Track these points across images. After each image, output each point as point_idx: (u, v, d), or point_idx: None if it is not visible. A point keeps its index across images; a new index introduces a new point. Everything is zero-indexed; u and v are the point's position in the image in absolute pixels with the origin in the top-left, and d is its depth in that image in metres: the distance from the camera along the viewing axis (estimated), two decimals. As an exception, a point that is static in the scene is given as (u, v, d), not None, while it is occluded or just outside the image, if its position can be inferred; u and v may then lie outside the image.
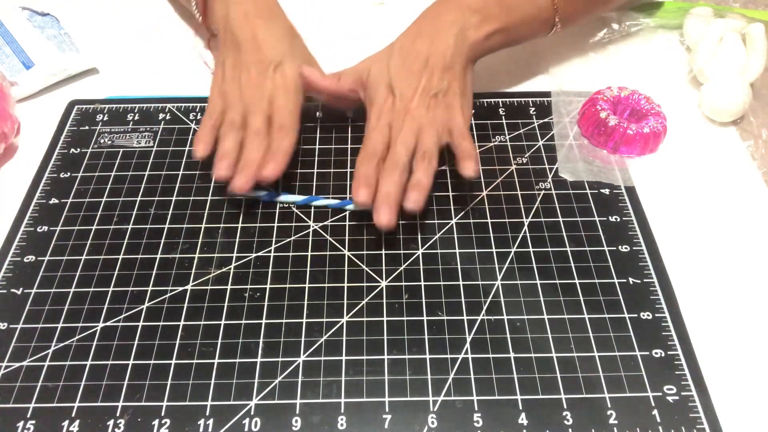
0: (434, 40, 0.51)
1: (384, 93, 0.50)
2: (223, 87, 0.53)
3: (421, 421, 0.39)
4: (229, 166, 0.48)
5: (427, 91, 0.49)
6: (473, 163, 0.47)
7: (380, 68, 0.51)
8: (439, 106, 0.49)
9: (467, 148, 0.48)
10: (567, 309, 0.44)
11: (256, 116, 0.50)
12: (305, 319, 0.44)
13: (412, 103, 0.49)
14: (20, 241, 0.49)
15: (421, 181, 0.47)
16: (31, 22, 0.63)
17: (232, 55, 0.54)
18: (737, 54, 0.57)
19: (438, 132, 0.49)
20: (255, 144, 0.49)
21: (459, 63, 0.51)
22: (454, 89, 0.50)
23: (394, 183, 0.46)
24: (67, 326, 0.44)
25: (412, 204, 0.46)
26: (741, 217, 0.50)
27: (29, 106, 0.60)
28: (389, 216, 0.45)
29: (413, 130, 0.48)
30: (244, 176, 0.48)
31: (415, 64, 0.50)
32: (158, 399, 0.40)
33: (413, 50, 0.51)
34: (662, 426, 0.39)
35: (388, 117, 0.49)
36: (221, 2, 0.56)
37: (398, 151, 0.47)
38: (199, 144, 0.50)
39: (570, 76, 0.61)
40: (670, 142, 0.55)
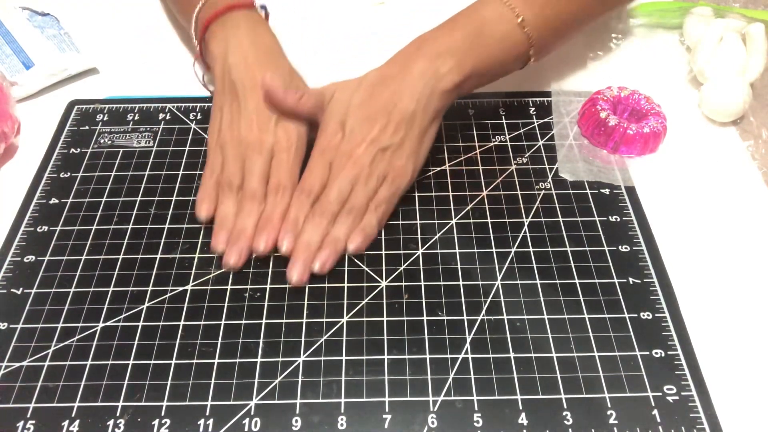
0: (401, 87, 0.48)
1: (335, 128, 0.48)
2: (221, 139, 0.50)
3: (421, 421, 0.39)
4: (227, 237, 0.47)
5: (377, 143, 0.47)
6: (355, 244, 0.46)
7: (341, 99, 0.49)
8: (384, 162, 0.47)
9: (369, 222, 0.47)
10: (567, 309, 0.44)
11: (252, 176, 0.48)
12: (305, 319, 0.44)
13: (359, 150, 0.47)
14: (20, 241, 0.49)
15: (338, 240, 0.46)
16: (31, 22, 0.63)
17: (229, 102, 0.51)
18: (737, 54, 0.57)
19: (373, 189, 0.47)
20: (250, 210, 0.47)
21: (421, 118, 0.48)
22: (405, 148, 0.48)
23: (317, 232, 0.46)
24: (67, 326, 0.44)
25: (318, 266, 0.45)
26: (741, 217, 0.50)
27: (29, 106, 0.60)
28: (302, 273, 0.45)
29: (352, 179, 0.47)
30: (236, 252, 0.46)
31: (375, 109, 0.48)
32: (158, 399, 0.40)
33: (378, 92, 0.48)
34: (662, 426, 0.39)
35: (331, 155, 0.48)
36: (220, 40, 0.53)
37: (331, 198, 0.46)
38: (203, 204, 0.49)
39: (570, 76, 0.61)
40: (670, 142, 0.55)
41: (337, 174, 0.47)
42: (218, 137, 0.51)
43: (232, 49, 0.52)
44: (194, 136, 0.56)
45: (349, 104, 0.49)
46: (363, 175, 0.47)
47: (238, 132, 0.50)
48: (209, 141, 0.52)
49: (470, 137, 0.56)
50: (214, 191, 0.49)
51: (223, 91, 0.52)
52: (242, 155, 0.49)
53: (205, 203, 0.49)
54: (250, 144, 0.49)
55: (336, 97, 0.49)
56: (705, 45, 0.58)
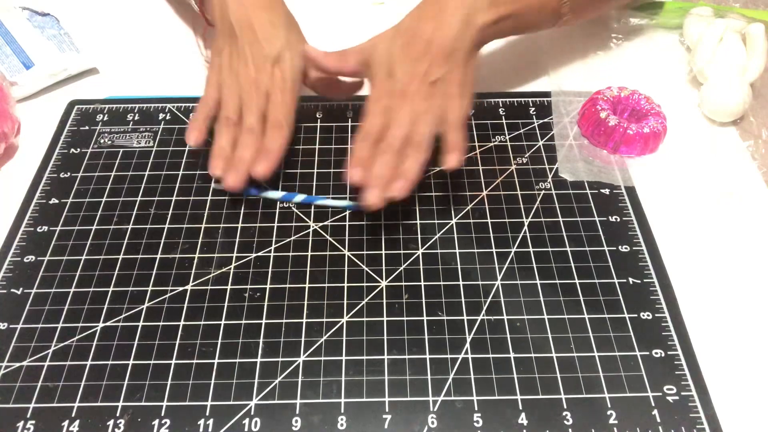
0: (440, 22, 0.49)
1: (384, 75, 0.50)
2: (219, 77, 0.53)
3: (421, 421, 0.39)
4: (224, 165, 0.49)
5: (426, 77, 0.48)
6: (456, 156, 0.47)
7: (383, 49, 0.50)
8: (437, 95, 0.48)
9: (455, 139, 0.48)
10: (567, 309, 0.44)
11: (250, 113, 0.51)
12: (305, 319, 0.44)
13: (411, 88, 0.48)
14: (20, 241, 0.49)
15: (408, 171, 0.47)
16: (31, 22, 0.63)
17: (229, 45, 0.53)
18: (737, 54, 0.57)
19: (433, 121, 0.48)
20: (247, 142, 0.50)
21: (462, 50, 0.49)
22: (455, 78, 0.49)
23: (386, 166, 0.46)
24: (67, 326, 0.44)
25: (396, 192, 0.46)
26: (741, 217, 0.50)
27: (29, 106, 0.60)
28: (377, 198, 0.45)
29: (409, 117, 0.48)
30: (234, 175, 0.49)
31: (418, 48, 0.49)
32: (158, 399, 0.40)
33: (417, 32, 0.49)
34: (662, 426, 0.39)
35: (387, 100, 0.49)
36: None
37: (393, 135, 0.47)
38: (192, 132, 0.51)
39: (570, 76, 0.61)
40: (670, 142, 0.55)
41: (395, 114, 0.48)
42: (216, 76, 0.53)
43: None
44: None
45: (392, 51, 0.50)
46: (421, 111, 0.48)
47: (236, 72, 0.52)
48: (208, 78, 0.54)
49: (470, 137, 0.56)
50: (204, 123, 0.52)
51: (222, 33, 0.54)
52: (240, 94, 0.51)
53: (194, 132, 0.52)
54: (247, 83, 0.51)
55: (377, 48, 0.51)
56: (705, 45, 0.58)
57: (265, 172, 0.48)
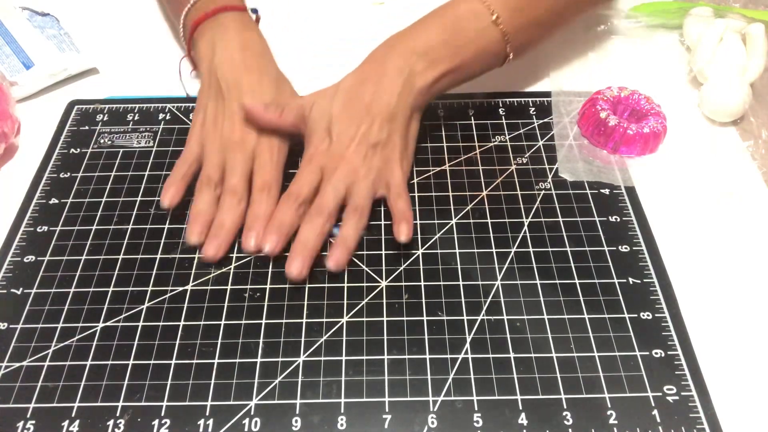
0: (378, 87, 0.48)
1: (321, 135, 0.48)
2: (202, 134, 0.51)
3: (421, 421, 0.39)
4: (202, 230, 0.47)
5: (366, 139, 0.47)
6: (407, 228, 0.45)
7: (322, 108, 0.49)
8: (377, 157, 0.47)
9: (402, 208, 0.46)
10: (567, 309, 0.44)
11: (233, 173, 0.48)
12: (305, 319, 0.44)
13: (349, 150, 0.47)
14: (20, 241, 0.49)
15: (347, 239, 0.45)
16: (31, 22, 0.63)
17: (214, 101, 0.52)
18: (737, 54, 0.57)
19: (373, 185, 0.47)
20: (230, 204, 0.48)
21: (402, 114, 0.49)
22: (395, 141, 0.48)
23: (314, 231, 0.45)
24: (67, 326, 0.44)
25: (333, 264, 0.45)
26: (741, 217, 0.50)
27: (29, 106, 0.60)
28: (301, 268, 0.44)
29: (346, 177, 0.46)
30: (215, 246, 0.46)
31: (357, 109, 0.48)
32: (158, 399, 0.40)
33: (358, 94, 0.48)
34: (662, 426, 0.39)
35: (321, 160, 0.47)
36: (208, 40, 0.54)
37: (326, 196, 0.46)
38: (168, 192, 0.48)
39: (570, 76, 0.61)
40: (670, 142, 0.55)
41: (330, 175, 0.47)
42: (200, 133, 0.51)
43: (219, 50, 0.53)
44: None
45: (331, 110, 0.49)
46: (360, 173, 0.47)
47: (221, 130, 0.50)
48: (189, 135, 0.52)
49: (470, 137, 0.56)
50: (182, 181, 0.49)
51: (209, 90, 0.53)
52: (223, 153, 0.50)
53: (170, 190, 0.48)
54: (232, 142, 0.50)
55: (316, 105, 0.49)
56: (705, 45, 0.58)
57: (256, 246, 0.46)
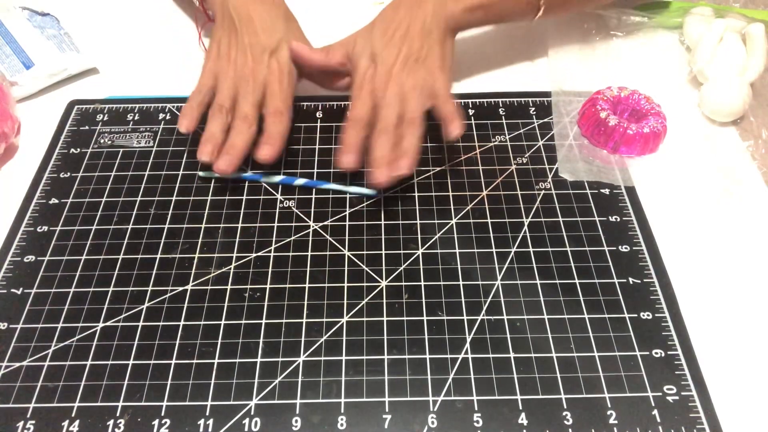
0: (414, 9, 0.52)
1: (366, 62, 0.51)
2: (216, 66, 0.53)
3: (421, 421, 0.39)
4: (213, 150, 0.50)
5: (407, 56, 0.50)
6: (457, 125, 0.49)
7: (364, 39, 0.53)
8: (421, 71, 0.50)
9: (451, 110, 0.49)
10: (567, 309, 0.44)
11: (246, 101, 0.51)
12: (305, 319, 0.44)
13: (394, 69, 0.50)
14: (20, 241, 0.49)
15: (409, 148, 0.48)
16: (31, 22, 0.63)
17: (227, 35, 0.54)
18: (737, 54, 0.57)
19: (422, 95, 0.50)
20: (241, 128, 0.51)
21: (437, 30, 0.52)
22: (434, 53, 0.51)
23: (386, 146, 0.48)
24: (67, 326, 0.44)
25: (403, 169, 0.47)
26: (741, 217, 0.50)
27: (29, 106, 0.60)
28: (385, 177, 0.47)
29: (397, 95, 0.49)
30: (227, 160, 0.49)
31: (396, 32, 0.51)
32: (158, 399, 0.40)
33: (394, 19, 0.52)
34: (662, 426, 0.39)
35: (371, 85, 0.50)
36: None
37: (386, 115, 0.48)
38: (184, 119, 0.52)
39: (570, 76, 0.61)
40: (670, 142, 0.55)
41: (383, 96, 0.49)
42: (213, 65, 0.54)
43: None
44: (194, 136, 0.56)
45: (372, 40, 0.52)
46: (408, 88, 0.50)
47: (234, 62, 0.53)
48: (204, 66, 0.54)
49: (470, 137, 0.56)
50: (197, 110, 0.52)
51: (222, 24, 0.55)
52: (235, 83, 0.52)
53: (186, 118, 0.52)
54: (244, 73, 0.52)
55: (359, 40, 0.53)
56: (705, 45, 0.58)
57: (270, 154, 0.49)
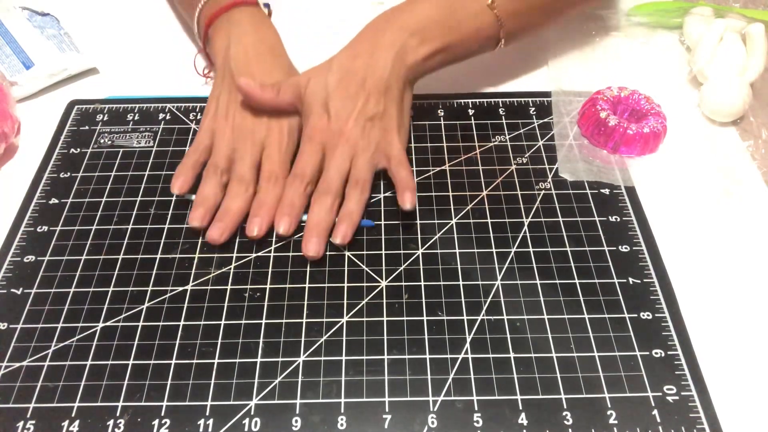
0: (372, 60, 0.49)
1: (319, 112, 0.49)
2: (213, 124, 0.52)
3: (421, 421, 0.39)
4: (204, 215, 0.48)
5: (363, 113, 0.48)
6: (411, 195, 0.46)
7: (317, 85, 0.50)
8: (375, 131, 0.48)
9: (405, 177, 0.47)
10: (567, 309, 0.44)
11: (242, 162, 0.49)
12: (305, 319, 0.44)
13: (347, 126, 0.48)
14: (20, 241, 0.49)
15: (352, 213, 0.47)
16: (31, 22, 0.63)
17: (227, 92, 0.53)
18: (737, 54, 0.57)
19: (373, 158, 0.48)
20: (237, 191, 0.49)
21: (396, 86, 0.50)
22: (391, 113, 0.49)
23: (325, 210, 0.46)
24: (67, 326, 0.44)
25: (340, 239, 0.46)
26: (741, 217, 0.50)
27: (29, 106, 0.60)
28: (318, 247, 0.46)
29: (347, 154, 0.47)
30: (220, 228, 0.47)
31: (352, 85, 0.49)
32: (158, 399, 0.40)
33: (351, 69, 0.49)
34: (662, 426, 0.39)
35: (322, 137, 0.48)
36: (222, 35, 0.55)
37: (331, 177, 0.47)
38: (177, 179, 0.50)
39: (570, 76, 0.61)
40: (670, 142, 0.55)
41: (332, 152, 0.48)
42: (211, 123, 0.52)
43: (234, 43, 0.54)
44: (194, 136, 0.56)
45: (327, 86, 0.49)
46: (360, 148, 0.48)
47: (232, 120, 0.51)
48: (201, 124, 0.53)
49: (470, 137, 0.56)
50: (192, 170, 0.50)
51: (222, 81, 0.54)
52: (233, 143, 0.51)
53: (180, 178, 0.50)
54: (243, 132, 0.51)
55: (312, 82, 0.50)
56: (705, 45, 0.58)
57: (260, 231, 0.47)
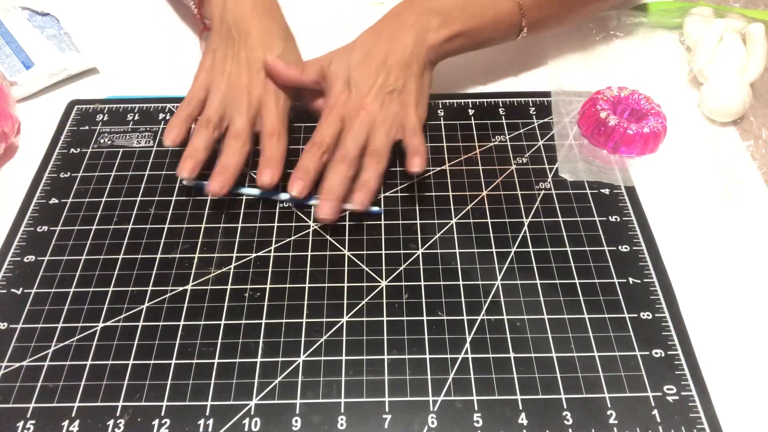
0: (394, 39, 0.51)
1: (340, 86, 0.50)
2: (209, 77, 0.52)
3: (421, 421, 0.39)
4: (194, 167, 0.48)
5: (383, 87, 0.49)
6: (420, 159, 0.47)
7: (340, 62, 0.51)
8: (394, 103, 0.49)
9: (417, 144, 0.48)
10: (567, 309, 0.44)
11: (239, 117, 0.50)
12: (305, 319, 0.44)
13: (367, 99, 0.49)
14: (20, 241, 0.49)
15: (368, 181, 0.47)
16: (31, 22, 0.63)
17: (224, 46, 0.53)
18: (737, 54, 0.57)
19: (390, 130, 0.49)
20: (235, 147, 0.49)
21: (416, 63, 0.51)
22: (410, 88, 0.50)
23: (340, 176, 0.47)
24: (67, 326, 0.44)
25: (357, 204, 0.46)
26: (741, 217, 0.50)
27: (29, 106, 0.60)
28: (330, 211, 0.46)
29: (365, 126, 0.48)
30: (220, 182, 0.48)
31: (374, 61, 0.50)
32: (158, 399, 0.40)
33: (374, 48, 0.51)
34: (662, 426, 0.39)
35: (341, 110, 0.49)
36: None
37: (347, 145, 0.48)
38: (170, 131, 0.50)
39: (570, 76, 0.61)
40: (670, 142, 0.55)
41: (351, 124, 0.48)
42: (206, 76, 0.52)
43: (230, 1, 0.54)
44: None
45: (349, 64, 0.51)
46: (378, 120, 0.49)
47: (228, 75, 0.51)
48: (195, 77, 0.53)
49: (470, 137, 0.56)
50: (185, 123, 0.50)
51: (219, 35, 0.54)
52: (227, 98, 0.51)
53: (173, 131, 0.50)
54: (239, 88, 0.51)
55: (335, 61, 0.52)
56: (705, 45, 0.58)
57: (272, 178, 0.48)
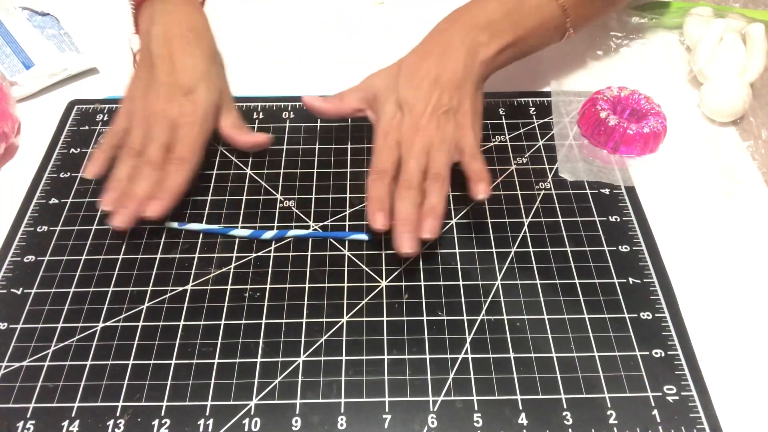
0: (444, 58, 0.49)
1: (392, 110, 0.49)
2: (131, 106, 0.51)
3: (421, 421, 0.39)
4: (117, 198, 0.47)
5: (437, 108, 0.48)
6: (485, 185, 0.45)
7: (387, 85, 0.50)
8: (450, 124, 0.48)
9: (479, 169, 0.46)
10: (567, 309, 0.44)
11: (153, 145, 0.48)
12: (305, 319, 0.44)
13: (422, 120, 0.47)
14: (20, 241, 0.49)
15: (436, 206, 0.44)
16: (31, 22, 0.63)
17: (145, 74, 0.52)
18: (737, 54, 0.57)
19: (449, 151, 0.47)
20: (144, 174, 0.47)
21: (470, 82, 0.49)
22: (465, 108, 0.48)
23: (411, 203, 0.44)
24: (67, 326, 0.44)
25: (428, 233, 0.43)
26: (741, 217, 0.50)
27: (29, 106, 0.60)
28: (413, 243, 0.43)
29: (424, 149, 0.47)
30: (124, 213, 0.46)
31: (425, 81, 0.49)
32: (158, 399, 0.40)
33: (422, 68, 0.49)
34: (662, 426, 0.39)
35: (396, 134, 0.48)
36: (147, 17, 0.54)
37: (411, 170, 0.46)
38: (91, 164, 0.49)
39: (570, 76, 0.61)
40: (670, 142, 0.55)
41: (410, 148, 0.47)
42: (128, 105, 0.51)
43: (156, 23, 0.53)
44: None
45: (398, 85, 0.49)
46: (436, 142, 0.47)
47: (147, 101, 0.50)
48: (120, 107, 0.52)
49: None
50: (106, 153, 0.49)
51: (143, 63, 0.53)
52: (148, 124, 0.49)
53: (94, 164, 0.49)
54: (154, 114, 0.49)
55: (381, 87, 0.50)
56: (705, 45, 0.58)
57: (156, 212, 0.46)
